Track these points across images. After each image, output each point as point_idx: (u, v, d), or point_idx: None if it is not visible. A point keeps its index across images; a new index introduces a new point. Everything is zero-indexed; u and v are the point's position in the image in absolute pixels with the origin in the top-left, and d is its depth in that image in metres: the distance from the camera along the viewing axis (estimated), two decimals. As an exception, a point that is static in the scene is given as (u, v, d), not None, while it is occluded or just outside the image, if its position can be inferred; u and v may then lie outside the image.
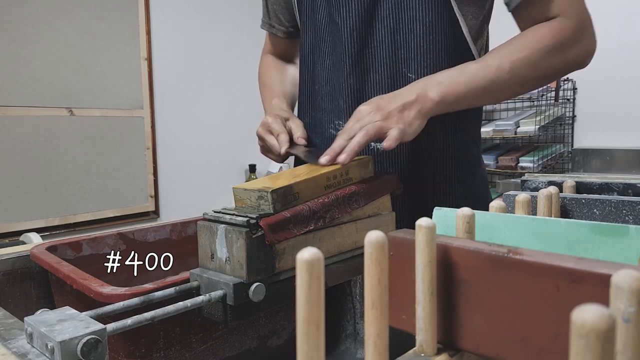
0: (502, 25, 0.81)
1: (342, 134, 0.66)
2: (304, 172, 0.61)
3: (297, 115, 0.97)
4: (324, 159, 0.63)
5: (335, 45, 0.83)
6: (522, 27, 0.75)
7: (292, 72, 1.05)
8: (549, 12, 0.71)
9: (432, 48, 0.77)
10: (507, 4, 0.75)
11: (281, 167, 2.67)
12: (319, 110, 0.89)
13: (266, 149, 0.81)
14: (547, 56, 0.70)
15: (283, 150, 0.74)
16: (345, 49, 0.81)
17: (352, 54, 0.81)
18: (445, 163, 0.83)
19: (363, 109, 0.68)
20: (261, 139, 0.80)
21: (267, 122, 0.79)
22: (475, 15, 0.79)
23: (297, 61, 1.09)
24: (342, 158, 0.62)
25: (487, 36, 0.86)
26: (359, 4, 0.79)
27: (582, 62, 0.73)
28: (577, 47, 0.71)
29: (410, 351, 0.35)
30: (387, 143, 0.64)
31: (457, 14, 0.77)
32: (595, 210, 0.54)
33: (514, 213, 0.53)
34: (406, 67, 0.79)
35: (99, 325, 0.38)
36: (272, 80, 1.00)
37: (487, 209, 0.49)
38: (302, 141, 0.77)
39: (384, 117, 0.65)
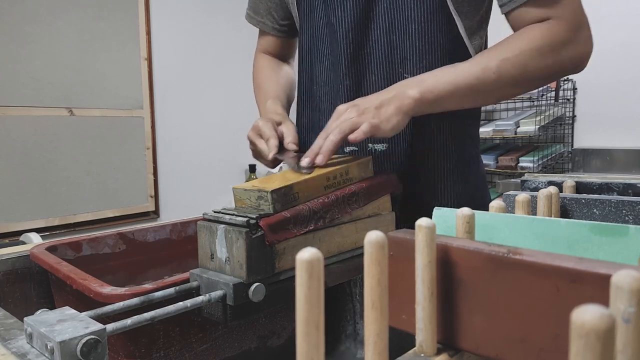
0: (501, 26, 0.80)
1: (321, 134, 0.66)
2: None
3: (295, 115, 0.96)
4: (304, 161, 0.63)
5: (333, 46, 0.83)
6: (516, 30, 0.74)
7: (288, 71, 1.02)
8: (543, 13, 0.70)
9: (427, 48, 0.77)
10: (501, 7, 0.74)
11: (281, 167, 2.67)
12: (317, 111, 0.89)
13: (257, 154, 0.79)
14: (537, 57, 0.68)
15: (271, 155, 0.73)
16: (341, 49, 0.81)
17: (348, 54, 0.80)
18: (444, 163, 0.83)
19: (341, 107, 0.68)
20: (252, 143, 0.79)
21: (258, 126, 0.78)
22: (471, 15, 0.78)
23: (292, 61, 1.06)
24: (319, 160, 0.62)
25: (486, 37, 0.85)
26: (354, 4, 0.79)
27: (577, 64, 0.72)
28: (571, 48, 0.70)
29: (410, 351, 0.35)
30: (353, 135, 0.63)
31: (453, 14, 0.76)
32: (595, 210, 0.54)
33: (514, 213, 0.53)
34: (402, 68, 0.79)
35: (98, 326, 0.38)
36: (266, 81, 0.98)
37: (486, 208, 0.49)
38: (292, 146, 0.75)
39: (360, 113, 0.66)
